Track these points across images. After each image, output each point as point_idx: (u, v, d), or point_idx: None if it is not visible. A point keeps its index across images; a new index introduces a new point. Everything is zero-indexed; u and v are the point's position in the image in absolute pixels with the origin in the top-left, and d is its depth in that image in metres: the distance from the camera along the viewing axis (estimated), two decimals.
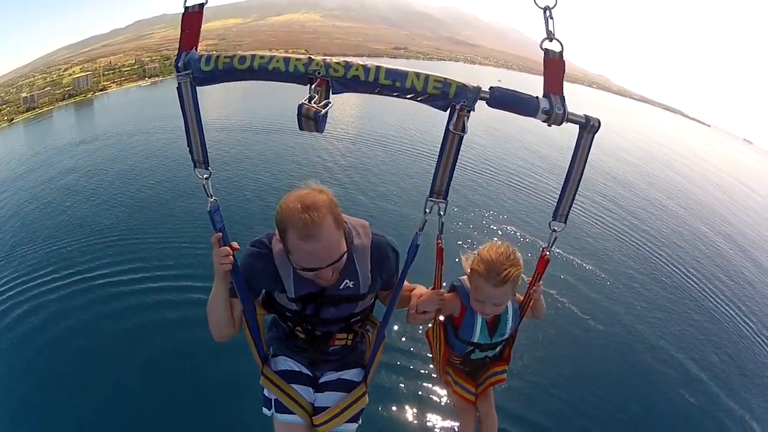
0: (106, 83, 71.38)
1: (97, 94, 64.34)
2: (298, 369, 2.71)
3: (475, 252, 2.68)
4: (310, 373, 2.75)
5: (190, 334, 8.55)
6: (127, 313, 9.64)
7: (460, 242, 12.51)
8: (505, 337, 2.91)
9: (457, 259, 2.81)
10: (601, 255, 14.43)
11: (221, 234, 2.21)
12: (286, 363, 2.72)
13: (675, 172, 34.40)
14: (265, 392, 2.68)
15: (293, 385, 2.64)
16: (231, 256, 2.23)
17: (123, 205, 15.43)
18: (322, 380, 2.77)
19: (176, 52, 2.02)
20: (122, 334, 9.11)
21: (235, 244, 2.29)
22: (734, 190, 37.35)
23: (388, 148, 23.33)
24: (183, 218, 13.92)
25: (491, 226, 14.92)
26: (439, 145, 2.05)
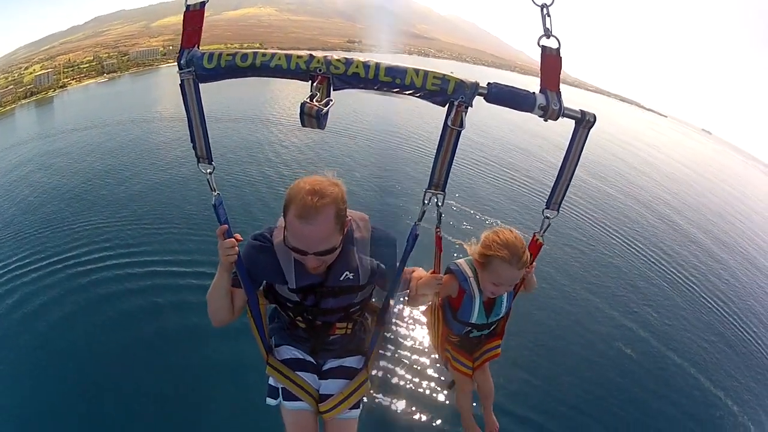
0: (66, 80, 68.24)
1: (57, 91, 61.36)
2: (302, 357, 2.67)
3: (482, 238, 2.72)
4: (314, 361, 2.71)
5: (190, 321, 8.44)
6: (122, 300, 9.32)
7: (455, 232, 12.47)
8: (501, 316, 2.97)
9: (453, 251, 2.81)
10: (572, 245, 14.58)
11: (227, 226, 2.18)
12: (290, 351, 2.67)
13: (626, 162, 34.63)
14: (271, 381, 2.64)
15: (299, 373, 2.60)
16: (236, 248, 2.20)
17: (109, 192, 15.04)
18: (324, 368, 2.73)
19: (179, 48, 1.94)
20: (119, 321, 8.82)
21: (238, 236, 2.26)
22: (687, 178, 38.63)
23: (387, 143, 23.23)
24: (183, 205, 13.61)
25: (485, 216, 15.02)
26: (438, 140, 2.03)
